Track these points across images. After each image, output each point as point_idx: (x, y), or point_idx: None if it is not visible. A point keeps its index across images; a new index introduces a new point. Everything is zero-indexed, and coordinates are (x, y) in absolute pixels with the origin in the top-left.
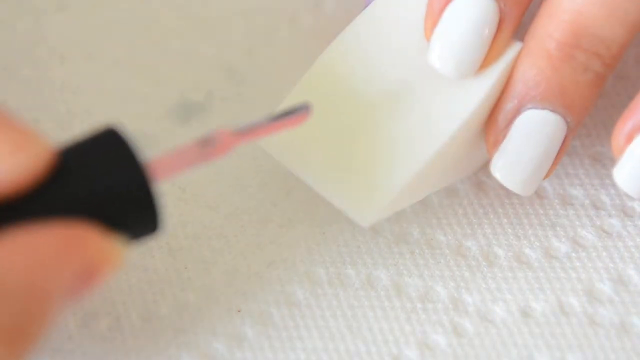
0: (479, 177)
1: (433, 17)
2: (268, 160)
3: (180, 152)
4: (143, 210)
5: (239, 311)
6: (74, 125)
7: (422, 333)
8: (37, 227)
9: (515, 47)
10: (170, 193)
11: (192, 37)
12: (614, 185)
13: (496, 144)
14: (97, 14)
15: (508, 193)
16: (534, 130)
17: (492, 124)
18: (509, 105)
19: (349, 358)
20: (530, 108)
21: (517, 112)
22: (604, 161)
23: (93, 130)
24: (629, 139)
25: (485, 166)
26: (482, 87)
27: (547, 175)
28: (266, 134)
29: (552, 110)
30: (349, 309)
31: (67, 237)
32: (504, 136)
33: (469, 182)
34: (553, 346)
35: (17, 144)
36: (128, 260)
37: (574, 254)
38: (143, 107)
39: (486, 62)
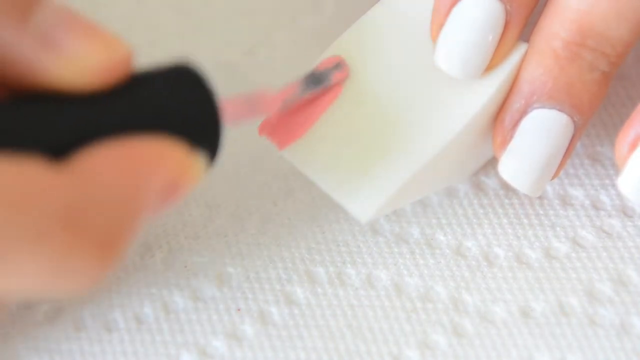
0: (479, 177)
1: (439, 18)
2: (268, 159)
3: (238, 100)
4: (212, 137)
5: (238, 310)
6: None
7: (422, 333)
8: (130, 139)
9: (522, 48)
10: None
11: (192, 37)
12: (614, 185)
13: (503, 144)
14: (96, 14)
15: (508, 193)
16: (541, 130)
17: (499, 124)
18: (516, 105)
19: (349, 358)
20: (538, 107)
21: (524, 112)
22: (604, 161)
23: (167, 62)
24: (632, 147)
25: (485, 166)
26: (488, 88)
27: (555, 175)
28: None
29: (560, 110)
30: (349, 309)
31: (158, 150)
32: (512, 136)
33: (469, 182)
34: (553, 346)
35: (109, 42)
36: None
37: (574, 254)
38: None
39: (493, 63)
